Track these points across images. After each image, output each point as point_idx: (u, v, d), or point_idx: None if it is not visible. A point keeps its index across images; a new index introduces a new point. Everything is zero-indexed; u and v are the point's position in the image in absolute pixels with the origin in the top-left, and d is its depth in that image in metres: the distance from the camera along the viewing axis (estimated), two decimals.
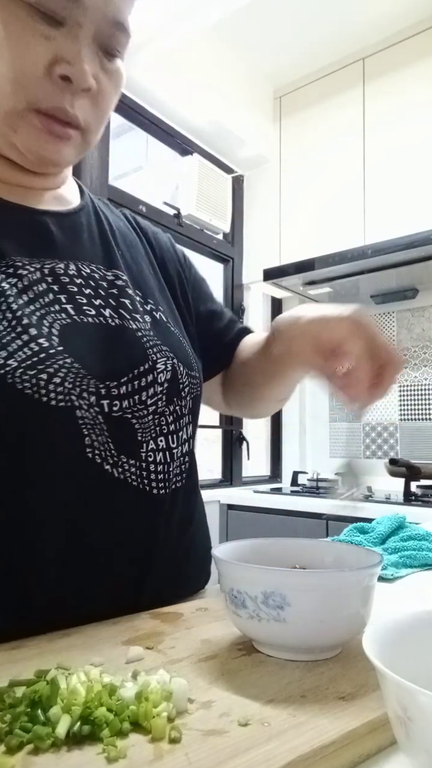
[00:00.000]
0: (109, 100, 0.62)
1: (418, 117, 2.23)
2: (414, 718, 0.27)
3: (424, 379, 2.42)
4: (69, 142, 0.60)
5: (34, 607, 0.54)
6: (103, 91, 0.60)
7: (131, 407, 0.60)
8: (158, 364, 0.62)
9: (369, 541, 0.87)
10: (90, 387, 0.56)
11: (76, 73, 0.55)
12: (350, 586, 0.44)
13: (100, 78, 0.59)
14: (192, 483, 0.70)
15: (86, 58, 0.56)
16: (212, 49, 2.35)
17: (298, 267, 2.26)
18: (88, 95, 0.58)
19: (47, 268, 0.61)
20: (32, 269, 0.60)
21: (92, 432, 0.57)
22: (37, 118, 0.57)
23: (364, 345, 0.57)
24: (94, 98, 0.59)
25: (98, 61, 0.58)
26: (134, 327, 0.63)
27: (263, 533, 2.10)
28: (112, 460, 0.58)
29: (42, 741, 0.32)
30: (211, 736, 0.33)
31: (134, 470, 0.60)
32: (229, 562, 0.47)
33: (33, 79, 0.55)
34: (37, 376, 0.53)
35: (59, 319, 0.58)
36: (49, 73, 0.55)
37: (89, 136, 0.62)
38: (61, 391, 0.54)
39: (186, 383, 0.66)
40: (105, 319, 0.62)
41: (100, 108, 0.61)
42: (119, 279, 0.67)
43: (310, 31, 2.32)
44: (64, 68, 0.55)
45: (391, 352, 0.58)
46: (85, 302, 0.61)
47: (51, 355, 0.55)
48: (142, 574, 0.62)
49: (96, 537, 0.58)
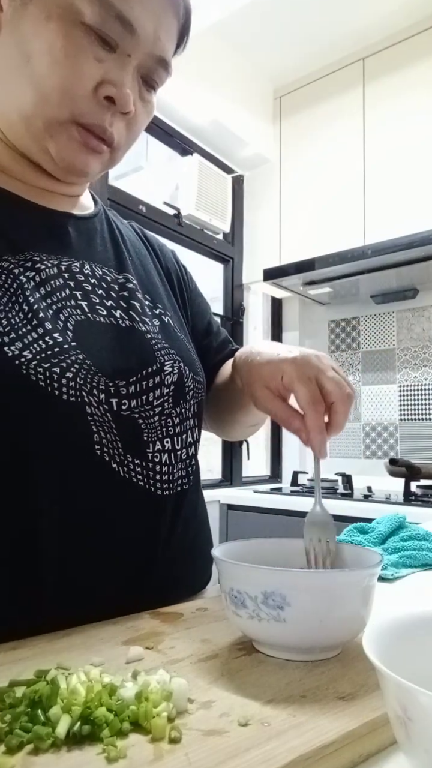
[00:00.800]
0: (140, 127, 0.67)
1: (418, 117, 2.23)
2: (414, 718, 0.27)
3: (424, 379, 2.42)
4: (99, 157, 0.63)
5: (35, 606, 0.54)
6: (137, 117, 0.64)
7: (139, 407, 0.61)
8: (165, 366, 0.64)
9: (369, 541, 0.87)
10: (100, 384, 0.57)
11: (120, 96, 0.59)
12: (350, 586, 0.44)
13: (137, 106, 0.63)
14: (196, 486, 0.71)
15: (130, 85, 0.61)
16: (212, 48, 2.35)
17: (298, 267, 2.26)
18: (124, 119, 0.63)
19: (64, 265, 0.63)
20: (50, 264, 0.62)
21: (101, 429, 0.58)
22: (77, 130, 0.60)
23: (308, 390, 0.57)
24: (129, 122, 0.64)
25: (138, 90, 0.63)
26: (143, 329, 0.65)
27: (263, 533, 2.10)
28: (118, 459, 0.59)
29: (42, 741, 0.32)
30: (211, 736, 0.33)
31: (140, 470, 0.61)
32: (229, 562, 0.47)
33: (81, 95, 0.58)
34: (50, 369, 0.54)
35: (74, 315, 0.60)
36: (96, 92, 0.59)
37: (116, 154, 0.66)
38: (73, 386, 0.55)
39: (191, 387, 0.68)
40: (116, 320, 0.64)
41: (132, 132, 0.65)
42: (129, 282, 0.69)
43: (310, 30, 2.32)
44: (110, 90, 0.59)
45: (338, 388, 0.57)
46: (97, 302, 0.63)
47: (65, 349, 0.56)
48: (144, 574, 0.62)
49: (99, 535, 0.58)
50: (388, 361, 2.53)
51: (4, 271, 0.58)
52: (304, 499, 2.05)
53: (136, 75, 0.62)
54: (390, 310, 2.53)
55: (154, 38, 0.61)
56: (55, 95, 0.58)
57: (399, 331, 2.51)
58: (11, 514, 0.54)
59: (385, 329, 2.54)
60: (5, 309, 0.56)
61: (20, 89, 0.59)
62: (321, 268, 2.20)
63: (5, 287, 0.57)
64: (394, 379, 2.50)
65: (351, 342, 2.64)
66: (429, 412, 2.40)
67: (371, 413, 2.55)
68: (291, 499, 2.08)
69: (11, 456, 0.53)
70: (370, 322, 2.59)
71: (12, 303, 0.56)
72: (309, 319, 2.80)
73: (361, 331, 2.62)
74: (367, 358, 2.59)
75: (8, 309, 0.56)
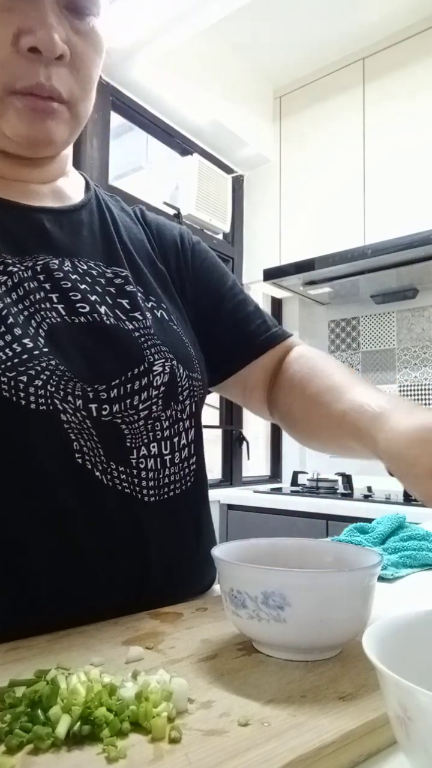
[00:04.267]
0: (90, 64, 0.57)
1: (418, 117, 2.23)
2: (414, 718, 0.27)
3: (424, 379, 2.42)
4: (56, 117, 0.56)
5: (33, 608, 0.54)
6: (79, 55, 0.55)
7: (121, 411, 0.57)
8: (155, 366, 0.60)
9: (369, 541, 0.87)
10: (76, 390, 0.54)
11: (43, 41, 0.52)
12: (350, 586, 0.44)
13: (74, 42, 0.55)
14: (197, 487, 0.68)
15: (52, 24, 0.52)
16: (212, 48, 2.35)
17: (298, 267, 2.26)
18: (63, 64, 0.54)
19: (39, 266, 0.59)
20: (23, 267, 0.58)
21: (80, 437, 0.55)
22: (17, 99, 0.54)
23: None
24: (72, 65, 0.55)
25: (68, 24, 0.54)
26: (130, 327, 0.61)
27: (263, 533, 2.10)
28: (101, 467, 0.57)
29: (42, 741, 0.32)
30: (211, 736, 0.33)
31: (124, 477, 0.58)
32: (229, 562, 0.47)
33: (1, 59, 0.52)
34: (16, 378, 0.51)
35: (48, 318, 0.57)
36: (17, 48, 0.52)
37: (76, 107, 0.58)
38: (42, 395, 0.52)
39: (185, 386, 0.64)
40: (99, 316, 0.59)
41: (81, 74, 0.56)
42: (119, 277, 0.65)
43: (310, 30, 2.32)
44: (29, 39, 0.51)
45: None
46: (79, 298, 0.59)
47: (34, 356, 0.53)
48: (137, 579, 0.60)
49: (89, 542, 0.56)
50: (388, 361, 2.53)
51: None
52: (304, 499, 2.05)
53: (58, 8, 0.53)
54: (390, 310, 2.53)
55: None
56: None
57: (399, 331, 2.51)
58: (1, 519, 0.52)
59: (385, 329, 2.54)
60: None
61: None
62: (321, 268, 2.20)
63: None
64: (394, 379, 2.50)
65: (351, 342, 2.64)
66: None
67: None
68: (291, 499, 2.08)
69: None
70: (370, 322, 2.59)
71: None
72: (309, 319, 2.80)
73: (361, 331, 2.62)
74: (367, 358, 2.59)
75: None
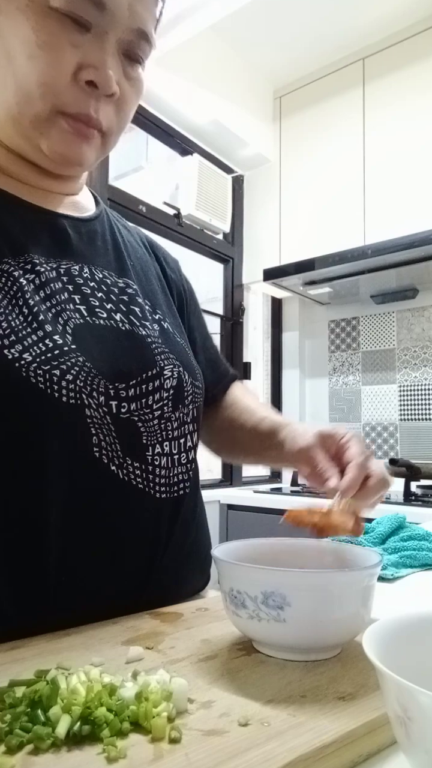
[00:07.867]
0: (131, 107, 0.64)
1: (418, 117, 2.23)
2: (414, 718, 0.27)
3: (424, 379, 2.42)
4: (91, 143, 0.62)
5: (35, 606, 0.54)
6: (125, 97, 0.62)
7: (138, 410, 0.61)
8: (165, 371, 0.64)
9: (369, 541, 0.87)
10: (100, 387, 0.57)
11: (101, 78, 0.57)
12: (350, 586, 0.44)
13: (123, 85, 0.61)
14: (195, 489, 0.71)
15: (111, 65, 0.58)
16: (212, 48, 2.35)
17: (298, 267, 2.26)
18: (111, 101, 0.61)
19: (63, 269, 0.63)
20: (49, 267, 0.61)
21: (100, 432, 0.58)
22: (65, 121, 0.59)
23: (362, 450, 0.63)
24: (116, 104, 0.61)
25: (121, 68, 0.61)
26: (143, 333, 0.65)
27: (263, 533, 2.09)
28: (117, 461, 0.59)
29: (42, 741, 0.32)
30: (211, 736, 0.33)
31: (139, 473, 0.61)
32: (229, 562, 0.47)
33: (61, 84, 0.57)
34: (50, 372, 0.54)
35: (73, 318, 0.60)
36: (76, 79, 0.57)
37: (109, 139, 0.64)
38: (73, 389, 0.55)
39: (190, 391, 0.68)
40: (116, 323, 0.63)
41: (122, 113, 0.63)
42: (130, 287, 0.69)
43: (310, 31, 2.32)
44: (90, 74, 0.57)
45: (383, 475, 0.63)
46: (97, 305, 0.63)
47: (65, 352, 0.56)
48: (144, 576, 0.62)
49: (98, 536, 0.58)
50: (388, 361, 2.53)
51: (4, 274, 0.58)
52: (304, 499, 2.05)
53: (117, 53, 0.60)
54: (390, 310, 2.53)
55: (128, 11, 0.58)
56: (35, 91, 0.57)
57: (399, 331, 2.50)
58: (12, 510, 0.54)
59: (385, 329, 2.54)
60: (5, 311, 0.55)
61: (5, 89, 0.58)
62: (321, 268, 2.20)
63: (5, 290, 0.57)
64: (394, 379, 2.50)
65: (351, 342, 2.64)
66: (429, 412, 2.40)
67: (371, 413, 2.55)
68: (291, 499, 2.08)
69: (14, 458, 0.53)
70: (370, 322, 2.59)
71: (12, 305, 0.56)
72: (309, 319, 2.80)
73: (361, 331, 2.62)
74: (367, 358, 2.59)
75: (8, 311, 0.56)
